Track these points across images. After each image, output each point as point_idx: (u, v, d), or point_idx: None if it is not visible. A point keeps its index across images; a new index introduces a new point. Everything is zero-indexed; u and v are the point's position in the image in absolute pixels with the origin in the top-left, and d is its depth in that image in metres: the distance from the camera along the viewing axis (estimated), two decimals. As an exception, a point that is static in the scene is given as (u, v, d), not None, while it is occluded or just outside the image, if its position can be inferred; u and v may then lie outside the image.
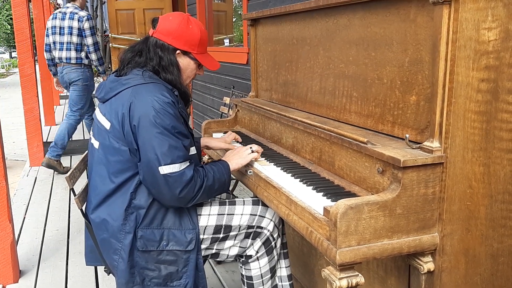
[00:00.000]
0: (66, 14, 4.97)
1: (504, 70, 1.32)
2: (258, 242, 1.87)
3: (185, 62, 1.85)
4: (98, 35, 15.29)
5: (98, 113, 1.82)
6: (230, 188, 3.11)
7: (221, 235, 1.83)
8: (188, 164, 1.68)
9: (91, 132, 1.88)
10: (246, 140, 2.27)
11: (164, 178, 1.64)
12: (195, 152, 1.83)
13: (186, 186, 1.66)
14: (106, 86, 1.80)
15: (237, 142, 2.26)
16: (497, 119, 1.35)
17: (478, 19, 1.27)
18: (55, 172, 4.99)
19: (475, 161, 1.35)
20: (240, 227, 1.84)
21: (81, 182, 1.95)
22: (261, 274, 1.88)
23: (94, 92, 2.64)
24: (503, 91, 1.34)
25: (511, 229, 1.43)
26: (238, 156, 1.89)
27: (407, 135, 1.40)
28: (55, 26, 4.98)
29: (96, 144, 1.79)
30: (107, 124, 1.73)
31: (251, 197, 1.94)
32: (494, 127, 1.35)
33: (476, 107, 1.32)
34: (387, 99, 1.55)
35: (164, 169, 1.63)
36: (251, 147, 1.91)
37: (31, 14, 6.72)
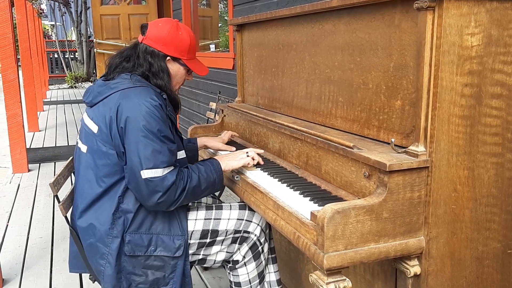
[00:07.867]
0: None
1: (487, 75, 1.34)
2: (245, 247, 1.86)
3: (175, 68, 1.85)
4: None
5: (85, 118, 1.80)
6: (217, 194, 3.10)
7: (208, 240, 1.82)
8: (172, 168, 1.66)
9: (78, 137, 1.86)
10: (232, 145, 2.26)
11: (145, 183, 1.62)
12: (184, 156, 1.82)
13: (167, 192, 1.64)
14: (94, 90, 1.79)
15: (234, 139, 2.29)
16: (480, 123, 1.36)
17: (462, 25, 1.29)
18: (38, 179, 4.92)
19: (459, 165, 1.36)
20: (227, 232, 1.83)
21: (65, 189, 1.92)
22: (249, 279, 1.88)
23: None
24: (486, 95, 1.36)
25: (496, 232, 1.45)
26: (232, 158, 1.87)
27: (393, 140, 1.41)
28: None
29: (83, 148, 1.77)
30: (94, 128, 1.72)
31: (238, 202, 1.93)
32: (478, 131, 1.37)
33: (460, 111, 1.34)
34: (373, 104, 1.56)
35: (146, 173, 1.62)
36: (247, 152, 1.89)
37: (14, 19, 6.64)
